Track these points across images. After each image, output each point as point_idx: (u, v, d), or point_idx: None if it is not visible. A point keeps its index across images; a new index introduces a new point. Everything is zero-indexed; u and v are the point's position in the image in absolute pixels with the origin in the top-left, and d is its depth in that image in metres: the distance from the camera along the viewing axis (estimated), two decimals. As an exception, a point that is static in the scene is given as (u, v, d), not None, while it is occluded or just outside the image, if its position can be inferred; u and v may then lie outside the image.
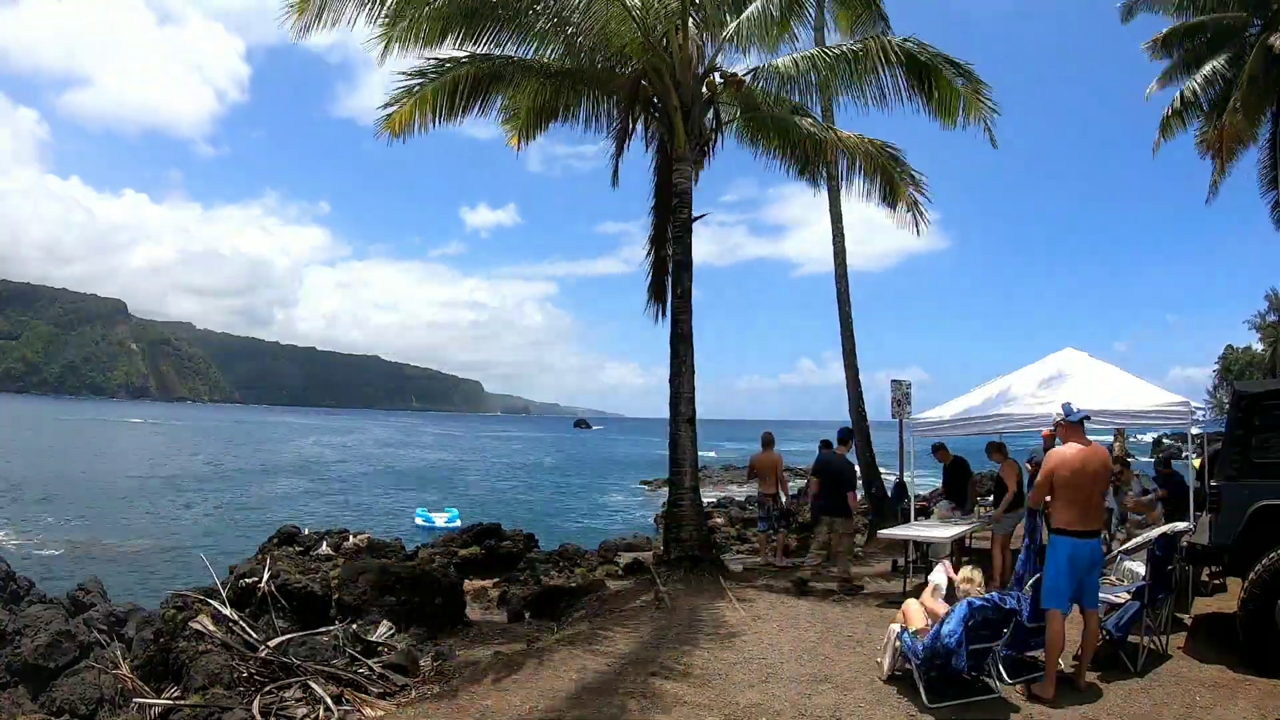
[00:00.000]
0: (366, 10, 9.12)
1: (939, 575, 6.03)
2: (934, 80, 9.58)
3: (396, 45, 9.17)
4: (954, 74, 9.49)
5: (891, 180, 10.77)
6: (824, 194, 14.47)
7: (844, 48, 10.05)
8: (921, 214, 10.82)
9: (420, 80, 9.68)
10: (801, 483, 13.04)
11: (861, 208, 14.73)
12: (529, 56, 10.31)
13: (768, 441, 11.79)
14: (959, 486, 10.58)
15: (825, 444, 11.98)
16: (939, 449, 10.89)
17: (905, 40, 9.64)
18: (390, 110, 9.65)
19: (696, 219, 10.27)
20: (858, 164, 11.05)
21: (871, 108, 10.05)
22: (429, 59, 9.59)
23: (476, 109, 10.30)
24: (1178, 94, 17.20)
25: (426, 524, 27.43)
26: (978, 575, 5.80)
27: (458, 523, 27.73)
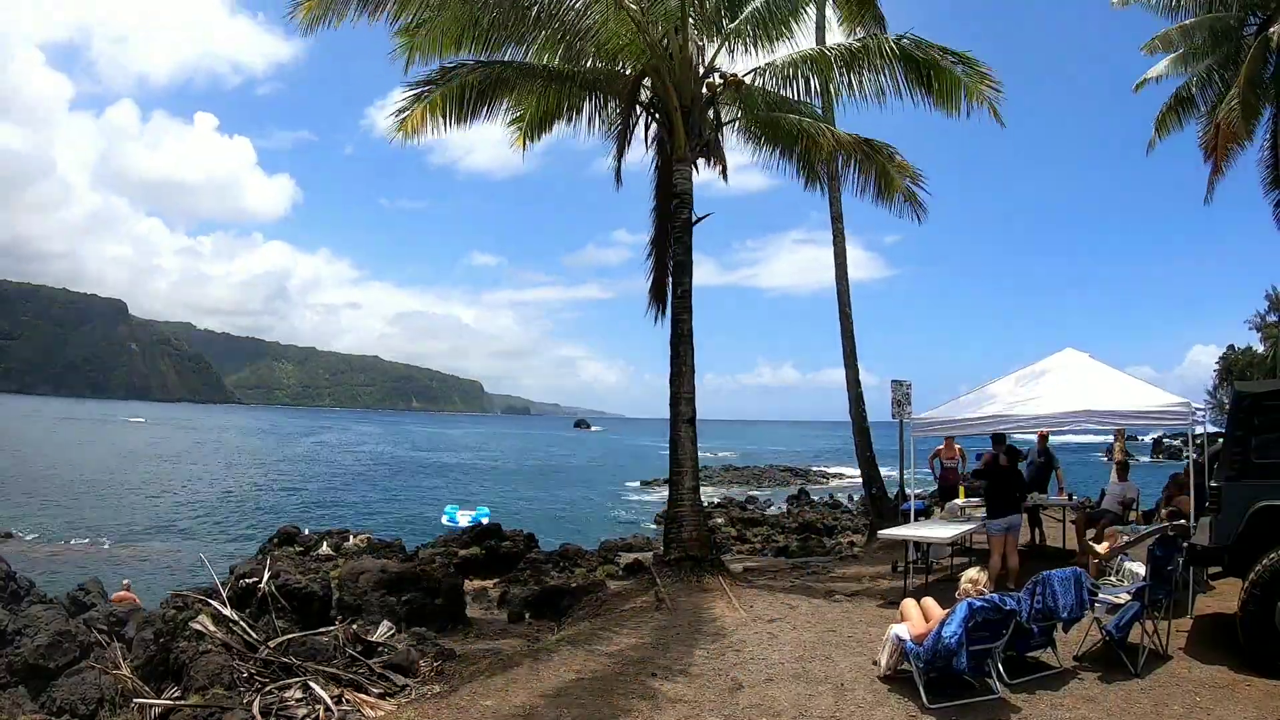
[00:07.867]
0: (368, 13, 9.25)
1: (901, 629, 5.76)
2: (933, 72, 9.71)
3: (418, 54, 9.43)
4: (953, 63, 9.58)
5: (887, 175, 10.88)
6: (776, 236, 14.66)
7: (842, 47, 10.20)
8: (918, 204, 11.10)
9: (429, 87, 9.83)
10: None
11: (825, 242, 15.32)
12: (532, 61, 10.36)
13: None
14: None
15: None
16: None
17: (901, 38, 9.77)
18: (403, 115, 9.81)
19: (699, 220, 10.28)
20: (853, 162, 11.09)
21: (872, 105, 10.22)
22: (441, 67, 9.78)
23: (484, 113, 10.39)
24: (1172, 92, 17.19)
25: (451, 524, 26.63)
26: (982, 576, 5.79)
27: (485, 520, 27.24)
